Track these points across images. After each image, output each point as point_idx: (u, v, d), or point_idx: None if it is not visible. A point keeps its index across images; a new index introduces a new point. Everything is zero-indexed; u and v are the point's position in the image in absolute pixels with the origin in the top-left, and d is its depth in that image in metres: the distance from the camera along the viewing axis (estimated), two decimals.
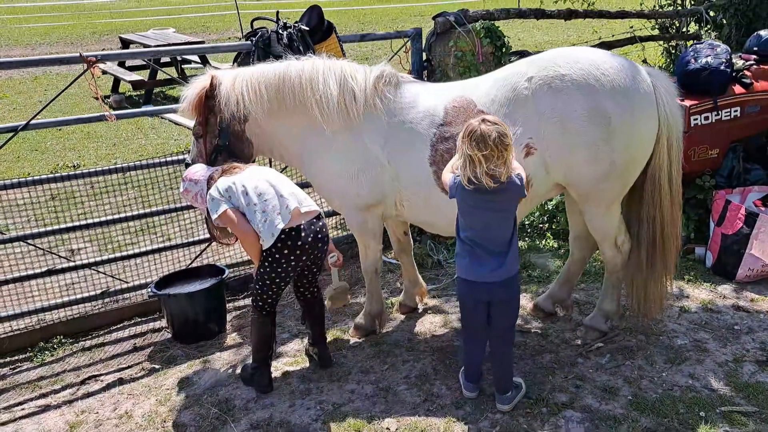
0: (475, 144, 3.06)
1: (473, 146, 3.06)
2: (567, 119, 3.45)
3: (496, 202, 3.18)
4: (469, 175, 3.10)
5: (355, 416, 3.44)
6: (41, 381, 4.02)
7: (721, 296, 4.45)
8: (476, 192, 3.13)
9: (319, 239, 3.58)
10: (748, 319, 4.16)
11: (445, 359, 3.92)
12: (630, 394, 3.49)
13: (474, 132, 3.07)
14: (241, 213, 3.43)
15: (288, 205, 3.45)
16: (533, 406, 3.44)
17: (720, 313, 4.24)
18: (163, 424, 3.51)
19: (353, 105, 3.67)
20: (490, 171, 3.07)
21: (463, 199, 3.23)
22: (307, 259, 3.56)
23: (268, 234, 3.39)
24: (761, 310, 4.24)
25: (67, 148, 9.19)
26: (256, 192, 3.44)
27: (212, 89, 3.68)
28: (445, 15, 5.34)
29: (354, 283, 4.95)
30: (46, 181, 4.47)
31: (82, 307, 4.61)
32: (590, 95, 3.43)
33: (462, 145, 3.13)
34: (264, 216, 3.40)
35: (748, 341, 3.93)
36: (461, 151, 3.14)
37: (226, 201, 3.43)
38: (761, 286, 4.53)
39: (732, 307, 4.31)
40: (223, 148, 3.76)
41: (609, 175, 3.51)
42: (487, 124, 3.08)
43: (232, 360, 4.10)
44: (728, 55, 4.88)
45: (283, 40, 4.57)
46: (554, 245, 5.36)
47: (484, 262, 3.25)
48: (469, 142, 3.08)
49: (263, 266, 3.50)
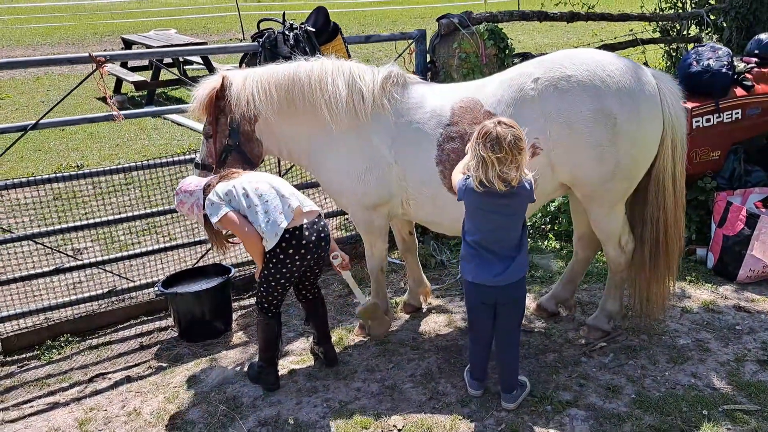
0: (489, 146, 3.03)
1: (487, 148, 3.03)
2: (573, 120, 3.49)
3: (505, 205, 3.18)
4: (481, 177, 3.09)
5: (362, 413, 3.48)
6: (49, 379, 4.05)
7: (723, 297, 4.49)
8: (486, 195, 3.13)
9: (322, 238, 3.60)
10: (750, 319, 4.20)
11: (450, 358, 3.96)
12: (633, 392, 3.53)
13: (489, 134, 3.04)
14: (242, 215, 3.45)
15: (290, 204, 3.47)
16: (538, 404, 3.48)
17: (721, 314, 4.28)
18: (172, 421, 3.55)
19: (361, 105, 3.71)
20: (502, 174, 3.05)
21: (472, 201, 3.24)
22: (311, 258, 3.59)
23: (271, 234, 3.40)
24: (762, 311, 4.28)
25: (70, 148, 9.22)
26: (256, 193, 3.46)
27: (223, 90, 3.71)
28: (449, 17, 5.39)
29: (359, 283, 4.98)
30: (50, 181, 4.49)
31: (89, 305, 4.64)
32: (596, 96, 3.47)
33: (475, 146, 3.10)
34: (266, 216, 3.41)
35: (750, 341, 3.97)
36: (474, 152, 3.11)
37: (227, 204, 3.44)
38: (762, 287, 4.57)
39: (733, 307, 4.35)
40: (233, 148, 3.80)
41: (614, 175, 3.56)
42: (503, 126, 3.06)
43: (239, 358, 4.14)
44: (730, 57, 4.93)
45: (289, 41, 4.61)
46: (557, 246, 5.40)
47: (492, 265, 3.26)
48: (483, 144, 3.05)
49: (267, 267, 3.52)
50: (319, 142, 3.84)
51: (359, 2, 27.16)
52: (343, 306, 4.72)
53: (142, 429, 3.50)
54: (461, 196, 3.26)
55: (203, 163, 3.89)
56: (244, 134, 3.81)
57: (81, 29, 22.09)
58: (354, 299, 4.77)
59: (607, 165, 3.53)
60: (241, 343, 4.33)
